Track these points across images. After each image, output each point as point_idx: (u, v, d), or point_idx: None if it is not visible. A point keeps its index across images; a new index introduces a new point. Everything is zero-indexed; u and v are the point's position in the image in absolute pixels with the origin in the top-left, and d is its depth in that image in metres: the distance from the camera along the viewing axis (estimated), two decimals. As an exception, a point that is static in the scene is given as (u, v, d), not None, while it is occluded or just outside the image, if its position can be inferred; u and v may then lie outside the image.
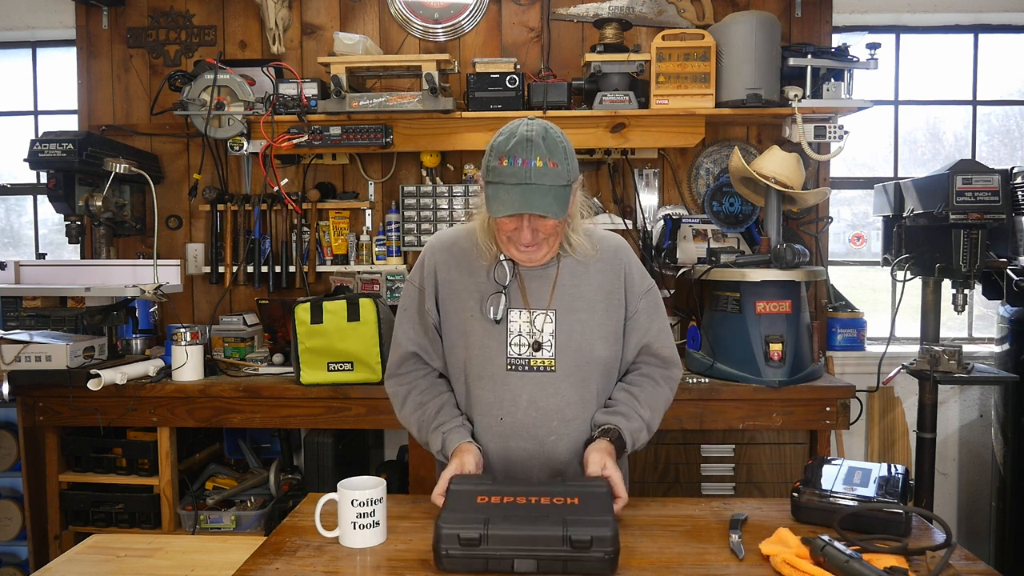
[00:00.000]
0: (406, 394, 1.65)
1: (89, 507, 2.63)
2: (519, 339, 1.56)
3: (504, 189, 1.42)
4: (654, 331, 1.65)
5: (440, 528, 1.22)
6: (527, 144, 1.42)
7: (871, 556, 1.22)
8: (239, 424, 2.57)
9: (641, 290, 1.64)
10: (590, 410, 1.58)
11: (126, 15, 3.23)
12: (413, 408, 1.63)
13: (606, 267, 1.61)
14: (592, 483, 1.38)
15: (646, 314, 1.64)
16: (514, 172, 1.41)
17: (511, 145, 1.42)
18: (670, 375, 1.67)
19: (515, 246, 1.52)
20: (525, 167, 1.41)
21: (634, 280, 1.64)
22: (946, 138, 3.43)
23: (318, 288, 3.16)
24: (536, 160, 1.41)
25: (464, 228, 1.68)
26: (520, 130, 1.44)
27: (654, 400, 1.62)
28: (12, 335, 2.53)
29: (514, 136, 1.43)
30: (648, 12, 3.10)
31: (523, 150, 1.42)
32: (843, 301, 3.17)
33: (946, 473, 3.23)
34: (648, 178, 3.16)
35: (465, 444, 1.52)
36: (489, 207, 1.45)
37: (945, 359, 2.51)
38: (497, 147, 1.45)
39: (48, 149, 2.73)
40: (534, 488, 1.37)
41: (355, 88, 2.92)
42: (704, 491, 2.62)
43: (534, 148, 1.42)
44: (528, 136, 1.43)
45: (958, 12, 3.20)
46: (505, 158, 1.42)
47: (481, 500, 1.30)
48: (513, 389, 1.55)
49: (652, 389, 1.63)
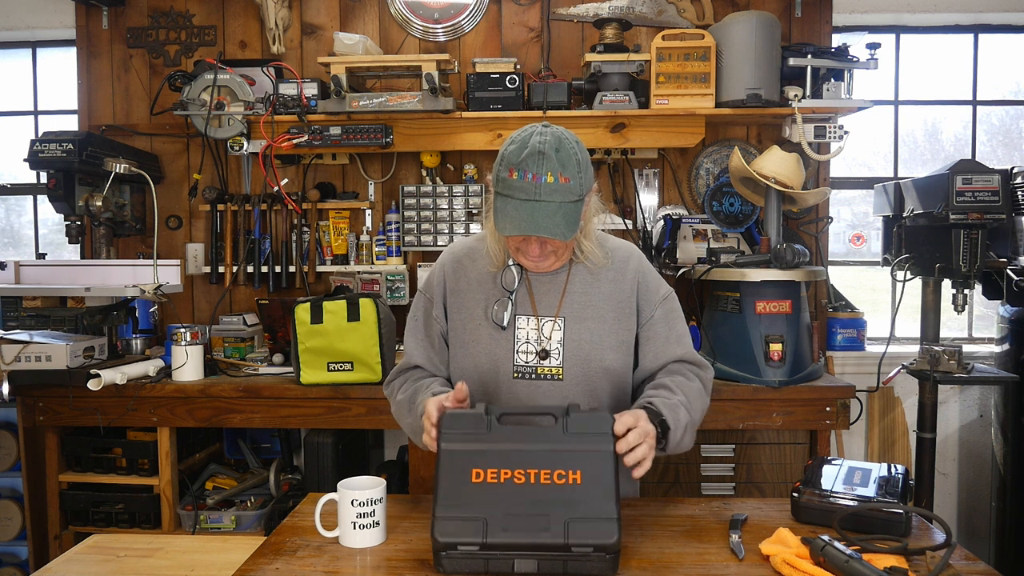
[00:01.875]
0: (400, 385, 1.63)
1: (89, 507, 2.63)
2: (526, 347, 1.54)
3: (512, 205, 1.37)
4: (674, 338, 1.58)
5: (437, 539, 1.20)
6: (539, 158, 1.36)
7: (871, 556, 1.22)
8: (239, 424, 2.57)
9: (657, 298, 1.59)
10: None
11: (126, 15, 3.23)
12: (403, 393, 1.59)
13: (618, 276, 1.58)
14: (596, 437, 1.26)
15: (663, 322, 1.59)
16: (523, 187, 1.36)
17: (522, 157, 1.37)
18: (701, 374, 1.58)
19: (523, 255, 1.49)
20: (535, 183, 1.35)
21: (648, 288, 1.59)
22: (946, 138, 3.43)
23: (318, 288, 3.16)
24: (547, 175, 1.35)
25: (477, 237, 1.66)
26: (533, 141, 1.38)
27: (687, 389, 1.51)
28: (12, 335, 2.53)
29: (526, 147, 1.37)
30: (648, 12, 3.10)
31: (534, 164, 1.36)
32: (843, 301, 3.17)
33: (946, 473, 3.23)
34: (648, 178, 3.16)
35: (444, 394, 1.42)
36: (496, 222, 1.40)
37: (945, 359, 2.51)
38: (508, 157, 1.39)
39: (48, 149, 2.73)
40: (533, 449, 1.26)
41: (355, 88, 2.92)
42: (704, 491, 2.62)
43: (546, 162, 1.36)
44: (540, 148, 1.36)
45: (958, 12, 3.20)
46: (515, 171, 1.36)
47: (476, 479, 1.23)
48: (520, 397, 1.53)
49: (684, 381, 1.54)
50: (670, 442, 1.41)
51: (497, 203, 1.41)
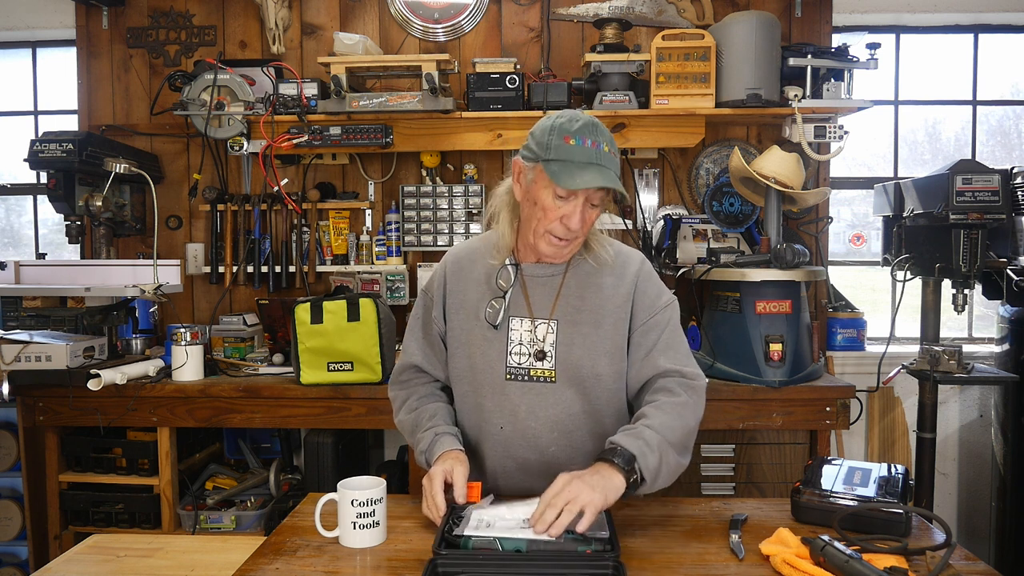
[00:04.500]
0: (405, 398, 1.65)
1: (89, 507, 2.63)
2: (519, 348, 1.53)
3: (576, 166, 1.40)
4: (662, 347, 1.53)
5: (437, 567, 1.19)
6: (594, 128, 1.42)
7: (871, 556, 1.22)
8: (239, 424, 2.57)
9: (657, 305, 1.55)
10: (594, 422, 1.54)
11: (126, 15, 3.23)
12: (408, 410, 1.62)
13: (617, 281, 1.56)
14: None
15: (657, 329, 1.54)
16: (584, 151, 1.40)
17: (578, 126, 1.41)
18: (689, 384, 1.51)
19: (549, 239, 1.48)
20: (595, 148, 1.40)
21: (647, 294, 1.56)
22: (946, 138, 3.43)
23: (318, 288, 3.16)
24: (604, 145, 1.42)
25: (481, 238, 1.66)
26: (582, 116, 1.44)
27: (668, 407, 1.46)
28: (12, 335, 2.53)
29: (577, 120, 1.43)
30: (648, 12, 3.10)
31: (591, 132, 1.41)
32: (843, 301, 3.17)
33: (946, 473, 3.23)
34: (648, 178, 3.16)
35: (455, 452, 1.47)
36: (559, 181, 1.39)
37: (945, 359, 2.51)
38: (560, 127, 1.42)
39: (48, 149, 2.73)
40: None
41: (355, 88, 2.92)
42: (704, 491, 2.62)
43: (600, 133, 1.42)
44: (593, 121, 1.43)
45: (958, 12, 3.20)
46: (572, 138, 1.40)
47: None
48: (513, 398, 1.53)
49: (664, 397, 1.48)
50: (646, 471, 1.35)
51: (553, 167, 1.41)
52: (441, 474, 1.40)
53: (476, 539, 1.23)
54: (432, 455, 1.48)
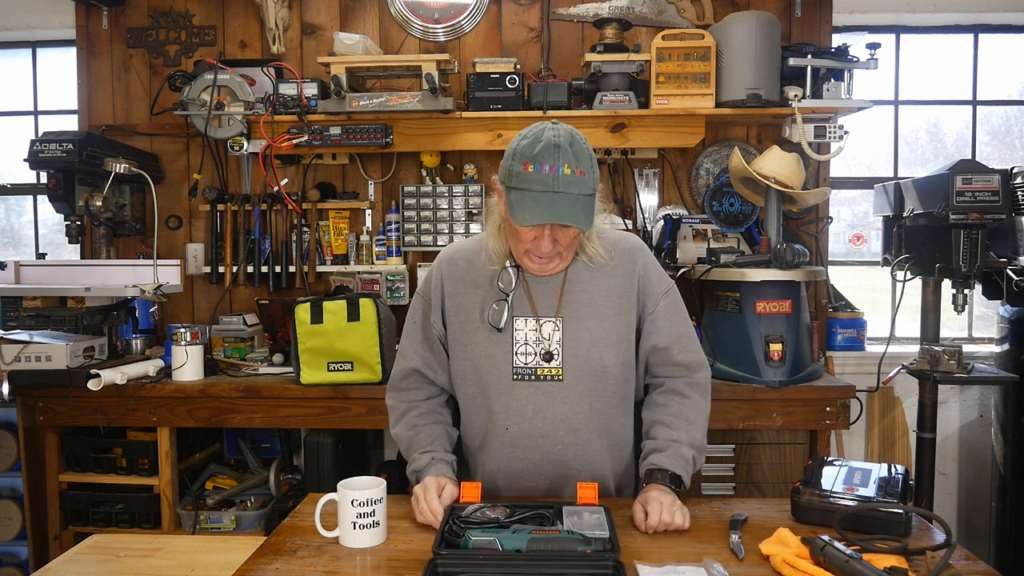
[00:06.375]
0: (404, 411, 1.64)
1: (89, 507, 2.63)
2: (525, 348, 1.53)
3: (530, 196, 1.36)
4: (674, 335, 1.57)
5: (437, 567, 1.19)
6: (555, 150, 1.35)
7: (871, 556, 1.22)
8: (239, 424, 2.57)
9: (659, 291, 1.58)
10: (602, 418, 1.55)
11: (126, 15, 3.23)
12: (407, 427, 1.61)
13: (618, 270, 1.56)
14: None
15: (664, 317, 1.57)
16: (541, 179, 1.35)
17: (537, 150, 1.36)
18: (695, 380, 1.59)
19: (531, 257, 1.48)
20: (552, 174, 1.35)
21: (650, 281, 1.57)
22: (946, 138, 3.43)
23: (318, 288, 3.16)
24: (564, 167, 1.35)
25: (475, 239, 1.65)
26: (547, 135, 1.38)
27: (688, 413, 1.55)
28: (12, 335, 2.53)
29: (540, 141, 1.37)
30: (648, 12, 3.10)
31: (550, 156, 1.35)
32: (843, 301, 3.17)
33: (946, 473, 3.23)
34: (648, 178, 3.16)
35: (446, 479, 1.49)
36: (513, 215, 1.38)
37: (945, 359, 2.51)
38: (522, 151, 1.38)
39: (48, 149, 2.73)
40: None
41: (355, 88, 2.92)
42: (704, 491, 2.62)
43: (562, 154, 1.36)
44: (555, 142, 1.36)
45: (958, 12, 3.20)
46: (531, 163, 1.35)
47: None
48: (519, 399, 1.53)
49: (678, 405, 1.56)
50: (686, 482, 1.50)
51: (512, 197, 1.39)
52: (435, 484, 1.44)
53: (476, 539, 1.23)
54: (423, 476, 1.50)
